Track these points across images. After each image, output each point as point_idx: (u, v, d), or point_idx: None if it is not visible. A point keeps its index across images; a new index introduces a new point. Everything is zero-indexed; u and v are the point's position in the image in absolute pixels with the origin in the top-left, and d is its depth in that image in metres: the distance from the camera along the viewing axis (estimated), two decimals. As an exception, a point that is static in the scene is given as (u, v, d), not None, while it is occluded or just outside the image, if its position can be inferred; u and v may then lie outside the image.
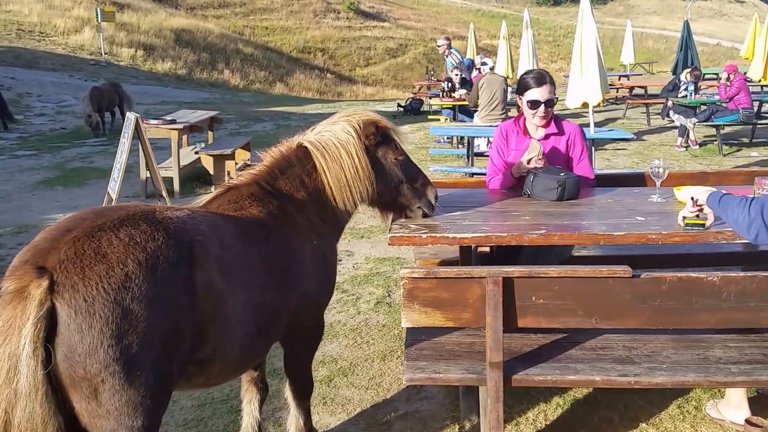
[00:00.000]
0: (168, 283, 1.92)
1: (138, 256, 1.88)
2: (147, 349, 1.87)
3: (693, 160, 10.11)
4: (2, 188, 8.83)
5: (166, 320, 1.91)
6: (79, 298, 1.78)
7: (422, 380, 2.79)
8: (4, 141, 12.82)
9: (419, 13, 47.09)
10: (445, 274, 2.61)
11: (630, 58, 21.69)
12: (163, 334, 1.90)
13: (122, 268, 1.84)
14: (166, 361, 1.93)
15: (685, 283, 2.52)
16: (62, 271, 1.80)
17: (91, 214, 2.02)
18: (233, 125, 14.68)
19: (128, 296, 1.83)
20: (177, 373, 2.01)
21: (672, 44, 31.67)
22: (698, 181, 3.68)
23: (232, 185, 2.64)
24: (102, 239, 1.88)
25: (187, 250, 2.01)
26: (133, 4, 31.86)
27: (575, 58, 8.02)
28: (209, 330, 2.08)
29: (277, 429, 3.18)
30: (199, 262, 2.03)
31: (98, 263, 1.83)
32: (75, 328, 1.78)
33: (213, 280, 2.08)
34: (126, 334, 1.82)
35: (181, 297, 1.96)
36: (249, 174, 2.69)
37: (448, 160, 10.18)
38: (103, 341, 1.79)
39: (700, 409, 3.18)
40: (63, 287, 1.78)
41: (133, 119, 6.72)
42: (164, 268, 1.92)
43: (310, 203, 2.71)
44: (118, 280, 1.82)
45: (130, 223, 1.95)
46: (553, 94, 3.50)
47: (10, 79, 18.61)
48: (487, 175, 3.75)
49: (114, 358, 1.81)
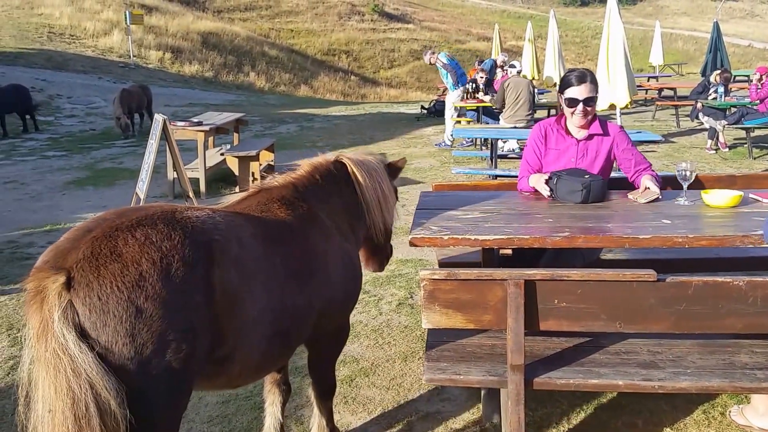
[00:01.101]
0: (183, 283, 1.92)
1: (153, 256, 1.89)
2: (161, 349, 1.87)
3: (723, 163, 9.94)
4: (33, 188, 9.01)
5: (180, 319, 1.91)
6: (94, 297, 1.80)
7: (443, 381, 2.79)
8: (35, 142, 13.07)
9: (444, 15, 46.95)
10: (466, 276, 2.60)
11: (659, 60, 21.42)
12: (177, 333, 1.90)
13: (136, 267, 1.85)
14: (181, 360, 1.93)
15: (711, 287, 2.48)
16: (79, 270, 1.82)
17: (113, 214, 2.04)
18: (258, 127, 14.81)
19: (142, 295, 1.83)
20: (194, 372, 2.01)
21: (702, 45, 31.14)
22: (726, 185, 3.63)
23: (264, 187, 2.67)
24: (118, 239, 1.89)
25: (204, 250, 2.01)
26: (161, 7, 32.33)
27: (602, 59, 7.96)
28: (227, 330, 2.08)
29: (299, 427, 3.20)
30: (217, 262, 2.04)
31: (113, 262, 1.84)
32: (90, 326, 1.80)
33: (230, 280, 2.08)
34: (140, 332, 1.83)
35: (196, 296, 1.96)
36: (283, 177, 2.74)
37: (471, 163, 10.14)
38: (117, 340, 1.81)
39: (726, 414, 3.13)
40: (79, 285, 1.80)
41: (161, 121, 6.82)
42: (179, 267, 1.92)
43: (342, 212, 2.79)
44: (132, 279, 1.83)
45: (147, 222, 1.97)
46: (594, 93, 3.45)
47: (42, 81, 19.01)
48: (519, 173, 3.69)
49: (128, 356, 1.82)
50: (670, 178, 3.68)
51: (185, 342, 1.93)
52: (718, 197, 3.10)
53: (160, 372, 1.88)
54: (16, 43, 23.38)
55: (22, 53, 22.19)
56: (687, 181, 3.19)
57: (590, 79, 3.45)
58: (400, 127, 12.64)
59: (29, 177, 9.71)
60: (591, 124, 3.51)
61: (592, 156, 3.49)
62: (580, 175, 3.26)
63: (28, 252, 6.09)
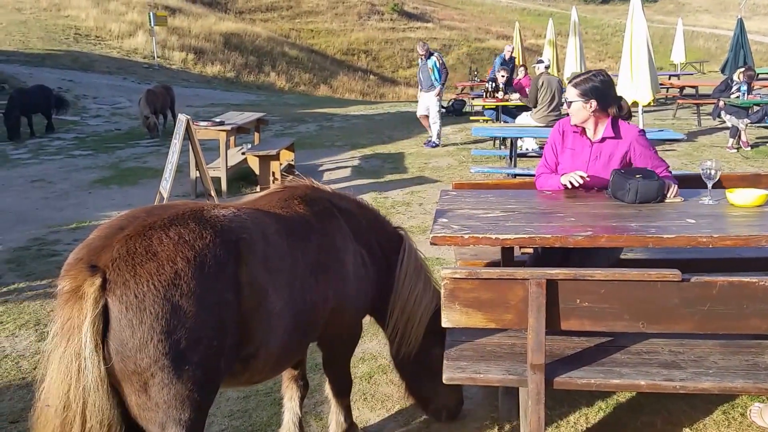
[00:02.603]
0: (215, 281, 1.97)
1: (187, 254, 1.93)
2: (195, 345, 1.92)
3: (744, 162, 9.83)
4: (60, 186, 9.15)
5: (213, 316, 1.96)
6: (130, 295, 1.84)
7: (463, 380, 2.78)
8: (62, 141, 13.28)
9: (463, 13, 46.77)
10: (488, 275, 2.60)
11: (680, 57, 21.15)
12: (210, 330, 1.95)
13: (172, 265, 1.89)
14: (213, 357, 1.98)
15: (735, 287, 2.46)
16: (114, 269, 1.86)
17: (143, 212, 2.08)
18: (278, 126, 14.90)
19: (177, 293, 1.88)
20: (224, 368, 2.06)
21: (724, 43, 30.70)
22: (750, 183, 3.58)
23: (289, 185, 2.72)
24: (153, 237, 1.93)
25: (233, 248, 2.06)
26: (185, 9, 32.68)
27: (625, 56, 7.90)
28: (253, 326, 2.12)
29: (318, 422, 3.23)
30: (245, 260, 2.08)
31: (149, 261, 1.88)
32: (126, 323, 1.84)
33: (257, 277, 2.12)
34: (175, 329, 1.87)
35: (227, 294, 2.00)
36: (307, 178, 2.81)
37: (490, 161, 10.11)
38: (153, 336, 1.85)
39: (746, 415, 3.10)
40: (115, 284, 1.84)
41: (184, 121, 6.91)
42: (212, 265, 1.97)
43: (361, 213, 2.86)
44: (167, 277, 1.88)
45: (179, 221, 2.01)
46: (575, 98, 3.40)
47: (68, 81, 19.32)
48: (536, 170, 3.69)
49: (163, 352, 1.86)
50: (692, 177, 3.63)
51: (217, 338, 1.97)
52: (743, 196, 3.06)
53: (193, 367, 1.92)
54: (43, 44, 23.81)
55: (49, 54, 22.60)
56: (711, 179, 3.15)
57: (574, 83, 3.44)
58: (418, 126, 12.60)
59: (56, 176, 9.87)
60: (605, 128, 3.47)
61: (605, 159, 3.46)
62: (632, 175, 3.20)
63: (54, 249, 6.19)
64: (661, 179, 3.21)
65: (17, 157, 11.54)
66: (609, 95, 3.45)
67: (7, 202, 8.21)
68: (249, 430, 3.19)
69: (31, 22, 26.25)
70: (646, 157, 3.46)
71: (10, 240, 6.48)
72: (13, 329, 4.42)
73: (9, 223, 7.17)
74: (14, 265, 5.75)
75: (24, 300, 4.91)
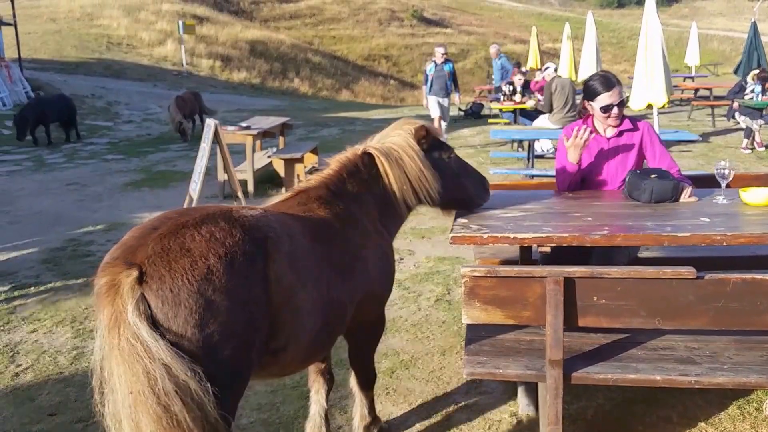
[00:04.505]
0: (245, 277, 2.04)
1: (218, 251, 2.00)
2: (227, 338, 1.98)
3: (758, 162, 9.86)
4: (94, 189, 9.42)
5: (244, 311, 2.02)
6: (166, 289, 1.91)
7: (482, 375, 2.85)
8: (95, 146, 13.66)
9: (481, 19, 46.82)
10: (506, 273, 2.66)
11: (695, 60, 21.03)
12: (241, 324, 2.01)
13: (204, 261, 1.96)
14: (244, 350, 2.04)
15: (749, 284, 2.52)
16: (150, 265, 1.93)
17: (175, 213, 2.17)
18: (302, 131, 15.12)
19: (210, 288, 1.94)
20: (254, 361, 2.12)
21: (738, 46, 30.45)
22: (764, 183, 3.63)
23: (302, 188, 2.78)
24: (186, 235, 2.01)
25: (261, 246, 2.13)
26: (212, 18, 33.38)
27: (640, 59, 7.92)
28: (282, 321, 2.19)
29: (342, 416, 3.33)
30: (272, 257, 2.15)
31: (183, 257, 1.95)
32: (162, 317, 1.90)
33: (284, 274, 2.19)
34: (208, 323, 1.94)
35: (256, 289, 2.07)
36: (317, 178, 2.85)
37: (508, 163, 10.16)
38: (187, 329, 1.91)
39: (761, 410, 3.15)
40: (151, 279, 1.91)
41: (213, 126, 7.09)
42: (241, 262, 2.04)
43: (374, 205, 2.87)
44: (201, 272, 1.94)
45: (210, 220, 2.08)
46: (623, 95, 3.51)
47: (101, 88, 19.84)
48: (556, 175, 3.72)
49: (197, 345, 1.93)
50: (707, 177, 3.69)
51: (247, 332, 2.04)
52: (757, 195, 3.10)
53: (225, 360, 2.00)
54: (77, 53, 24.44)
55: (82, 62, 23.21)
56: (725, 179, 3.20)
57: (616, 81, 3.51)
58: (436, 128, 12.72)
59: (90, 179, 10.16)
60: (622, 122, 3.56)
61: (623, 153, 3.53)
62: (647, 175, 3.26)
63: (89, 249, 6.38)
64: (676, 179, 3.27)
65: (53, 161, 11.88)
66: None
67: (43, 205, 8.47)
68: (276, 422, 3.30)
69: (65, 31, 26.99)
70: (655, 145, 3.54)
71: (47, 241, 6.68)
72: (50, 326, 4.57)
73: (46, 224, 7.41)
74: (51, 264, 5.94)
75: (60, 299, 5.08)
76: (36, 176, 10.53)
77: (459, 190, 3.11)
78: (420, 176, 2.91)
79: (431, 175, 2.94)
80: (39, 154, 12.51)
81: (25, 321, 4.69)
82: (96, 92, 19.13)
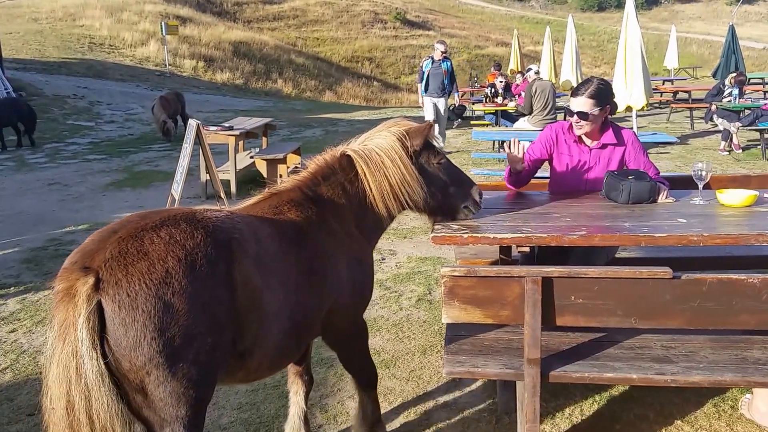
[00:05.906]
0: (207, 278, 1.99)
1: (178, 253, 1.95)
2: (189, 342, 1.94)
3: (736, 164, 10.02)
4: (76, 189, 9.32)
5: (206, 313, 1.97)
6: (123, 294, 1.86)
7: (461, 373, 2.85)
8: (77, 146, 13.50)
9: (464, 21, 47.12)
10: (486, 272, 2.67)
11: (674, 63, 21.36)
12: (204, 327, 1.97)
13: (163, 264, 1.91)
14: (207, 353, 1.99)
15: (725, 284, 2.54)
16: (107, 269, 1.88)
17: (137, 217, 2.11)
18: (285, 131, 15.09)
19: (169, 291, 1.90)
20: (219, 365, 2.08)
21: (716, 49, 31.04)
22: (741, 185, 3.68)
23: (274, 191, 2.71)
24: (144, 238, 1.96)
25: (225, 247, 2.08)
26: (195, 18, 33.25)
27: (619, 62, 8.02)
28: (248, 323, 2.15)
29: (323, 414, 3.32)
30: (237, 259, 2.11)
31: (140, 260, 1.91)
32: (119, 322, 1.86)
33: (250, 276, 2.15)
34: (168, 327, 1.89)
35: (220, 291, 2.03)
36: (292, 180, 2.77)
37: (489, 164, 10.22)
38: (146, 334, 1.87)
39: (737, 408, 3.20)
40: (107, 284, 1.87)
41: (195, 126, 7.05)
42: (203, 264, 1.99)
43: (350, 210, 2.77)
44: (159, 276, 1.90)
45: (170, 223, 2.03)
46: (589, 108, 3.39)
47: (83, 88, 19.63)
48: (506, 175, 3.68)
49: (157, 350, 1.88)
50: (684, 178, 3.73)
51: (210, 335, 2.00)
52: (733, 196, 3.15)
53: (188, 364, 1.95)
54: (59, 53, 24.22)
55: (65, 62, 22.97)
56: (702, 180, 3.24)
57: (588, 93, 3.39)
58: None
59: (72, 179, 10.04)
60: (604, 134, 3.51)
61: (604, 164, 3.51)
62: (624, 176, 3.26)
63: (70, 249, 6.23)
64: (653, 180, 3.30)
65: (34, 161, 11.72)
66: (613, 97, 3.54)
67: (25, 204, 8.37)
68: (257, 422, 3.28)
69: (47, 31, 26.77)
70: (639, 158, 3.54)
71: (28, 241, 6.61)
72: (30, 326, 4.53)
73: (27, 224, 7.32)
74: (32, 264, 5.88)
75: (40, 298, 5.03)
76: (17, 176, 10.40)
77: (447, 198, 2.95)
78: (403, 182, 2.77)
79: (415, 182, 2.80)
80: (20, 154, 12.35)
81: (4, 321, 4.63)
82: (78, 92, 18.93)
